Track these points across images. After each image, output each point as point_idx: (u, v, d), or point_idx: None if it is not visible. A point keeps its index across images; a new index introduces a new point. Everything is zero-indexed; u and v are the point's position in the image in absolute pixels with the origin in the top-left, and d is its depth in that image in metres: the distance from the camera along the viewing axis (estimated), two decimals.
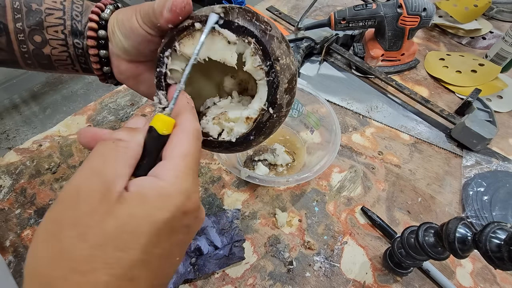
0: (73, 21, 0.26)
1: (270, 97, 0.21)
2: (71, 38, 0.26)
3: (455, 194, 0.48)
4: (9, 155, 0.49)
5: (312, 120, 0.50)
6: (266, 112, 0.22)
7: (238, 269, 0.39)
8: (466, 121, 0.51)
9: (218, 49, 0.21)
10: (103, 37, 0.26)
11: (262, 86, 0.22)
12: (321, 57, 0.67)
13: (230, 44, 0.21)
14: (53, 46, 0.26)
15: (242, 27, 0.20)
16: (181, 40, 0.21)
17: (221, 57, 0.21)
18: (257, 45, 0.20)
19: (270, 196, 0.46)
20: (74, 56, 0.27)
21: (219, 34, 0.20)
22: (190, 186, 0.18)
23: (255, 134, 0.23)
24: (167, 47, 0.22)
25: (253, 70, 0.21)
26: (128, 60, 0.28)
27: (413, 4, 0.57)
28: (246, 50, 0.21)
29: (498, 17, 0.81)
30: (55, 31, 0.26)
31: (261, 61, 0.20)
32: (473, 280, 0.39)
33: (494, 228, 0.25)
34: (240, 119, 0.23)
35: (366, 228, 0.43)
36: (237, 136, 0.23)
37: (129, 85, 0.30)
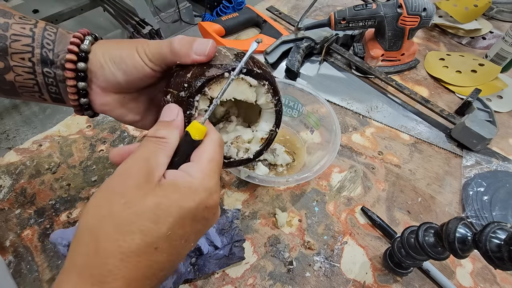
0: (44, 49, 0.25)
1: (277, 121, 0.30)
2: (40, 67, 0.25)
3: (455, 194, 0.48)
4: (9, 155, 0.49)
5: (312, 120, 0.50)
6: (274, 132, 0.30)
7: (238, 269, 0.39)
8: (466, 121, 0.51)
9: (242, 91, 0.26)
10: (83, 70, 0.25)
11: (270, 114, 0.29)
12: (321, 57, 0.67)
13: (251, 87, 0.26)
14: (17, 73, 0.25)
15: (260, 74, 0.26)
16: (210, 87, 0.25)
17: (245, 97, 0.27)
18: (270, 86, 0.27)
19: (270, 196, 0.46)
20: (43, 84, 0.26)
21: (242, 80, 0.26)
22: (213, 186, 0.22)
23: (266, 149, 0.31)
24: (198, 92, 0.25)
25: (265, 103, 0.28)
26: (115, 92, 0.27)
27: (413, 4, 0.57)
28: (260, 91, 0.27)
29: (498, 17, 0.81)
30: (21, 58, 0.25)
31: (272, 97, 0.28)
32: (473, 280, 0.39)
33: (494, 228, 0.25)
34: (255, 139, 0.30)
35: (366, 228, 0.43)
36: (254, 153, 0.30)
37: (113, 115, 0.29)
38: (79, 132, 0.52)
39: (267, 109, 0.29)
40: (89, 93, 0.27)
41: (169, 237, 0.19)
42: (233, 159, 0.30)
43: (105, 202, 0.19)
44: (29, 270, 0.38)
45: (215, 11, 1.90)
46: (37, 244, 0.40)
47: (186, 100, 0.24)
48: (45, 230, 0.41)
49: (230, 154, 0.30)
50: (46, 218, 0.42)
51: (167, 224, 0.19)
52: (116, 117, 0.29)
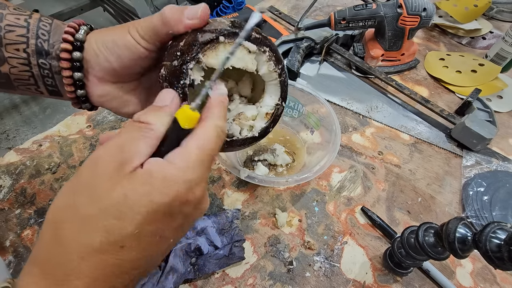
0: (39, 39, 0.24)
1: (283, 94, 0.26)
2: (36, 58, 0.25)
3: (455, 194, 0.48)
4: (9, 155, 0.49)
5: (312, 121, 0.50)
6: (280, 106, 0.27)
7: (238, 269, 0.39)
8: (466, 121, 0.51)
9: (241, 58, 0.24)
10: (78, 59, 0.25)
11: (274, 86, 0.26)
12: (321, 57, 0.67)
13: (250, 53, 0.24)
14: (12, 64, 0.24)
15: (259, 39, 0.24)
16: (205, 53, 0.23)
17: (244, 65, 0.24)
18: (271, 53, 0.24)
19: (270, 196, 0.46)
20: (39, 76, 0.25)
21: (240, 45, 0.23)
22: (197, 177, 0.19)
23: (272, 125, 0.28)
24: (191, 59, 0.22)
25: (268, 73, 0.25)
26: (112, 82, 0.27)
27: (413, 4, 0.57)
28: (260, 58, 0.24)
29: (498, 17, 0.81)
30: (15, 49, 0.24)
31: (274, 65, 0.25)
32: (473, 280, 0.39)
33: (494, 228, 0.25)
34: (260, 116, 0.27)
35: (366, 228, 0.43)
36: (259, 130, 0.27)
37: (110, 107, 0.28)
38: (79, 132, 0.52)
39: (270, 81, 0.26)
40: (86, 84, 0.26)
41: (137, 235, 0.18)
42: (236, 137, 0.27)
43: (71, 193, 0.18)
44: None
45: (215, 11, 1.90)
46: None
47: (179, 69, 0.23)
48: None
49: (232, 131, 0.27)
50: None
51: (134, 222, 0.17)
52: (114, 109, 0.28)
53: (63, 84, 0.26)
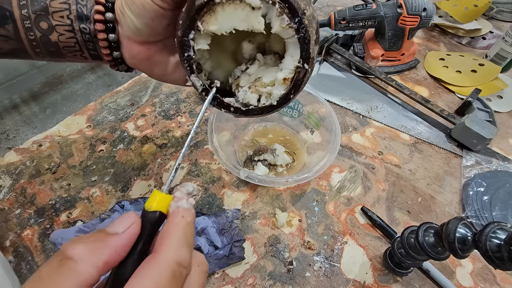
0: (78, 5, 0.25)
1: (303, 53, 0.21)
2: (77, 23, 0.25)
3: (455, 194, 0.48)
4: (9, 155, 0.49)
5: (312, 121, 0.50)
6: (302, 69, 0.22)
7: (238, 269, 0.39)
8: (466, 121, 0.51)
9: (243, 18, 0.20)
10: (111, 20, 0.25)
11: (292, 44, 0.21)
12: (321, 57, 0.67)
13: (254, 10, 0.20)
14: (60, 32, 0.25)
15: None
16: (203, 19, 0.20)
17: (248, 25, 0.20)
18: (282, 3, 0.19)
19: (270, 196, 0.46)
20: (82, 42, 0.26)
21: (241, 2, 0.19)
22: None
23: (294, 92, 0.23)
24: (190, 29, 0.21)
25: (282, 30, 0.21)
26: (140, 42, 0.27)
27: (413, 4, 0.57)
28: (270, 12, 0.20)
29: (498, 17, 0.81)
30: (60, 17, 0.25)
31: (289, 19, 0.20)
32: (473, 280, 0.39)
33: (494, 228, 0.25)
34: (277, 81, 0.23)
35: (366, 228, 0.43)
36: (277, 98, 0.23)
37: (142, 69, 0.29)
38: (79, 132, 0.52)
39: (288, 39, 0.21)
40: (121, 45, 0.27)
41: None
42: (252, 106, 0.24)
43: None
44: (29, 270, 0.38)
45: None
46: (37, 244, 0.40)
47: (181, 41, 0.21)
48: (45, 230, 0.41)
49: (248, 100, 0.24)
50: (46, 218, 0.42)
51: None
52: (144, 71, 0.29)
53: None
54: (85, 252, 0.15)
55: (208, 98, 0.24)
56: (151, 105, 0.57)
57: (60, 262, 0.14)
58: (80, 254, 0.14)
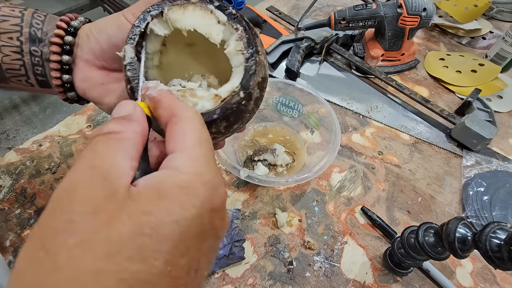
0: (32, 28, 0.25)
1: (244, 81, 0.21)
2: (28, 45, 0.25)
3: (455, 194, 0.48)
4: (9, 155, 0.49)
5: (312, 121, 0.50)
6: (236, 94, 0.21)
7: (238, 269, 0.39)
8: (466, 121, 0.51)
9: (207, 24, 0.21)
10: (70, 43, 0.25)
11: (238, 72, 0.22)
12: (321, 57, 0.67)
13: (219, 23, 0.22)
14: (4, 53, 0.25)
15: (235, 15, 0.22)
16: (172, 7, 0.21)
17: (207, 31, 0.22)
18: (244, 33, 0.21)
19: (270, 196, 0.46)
20: (29, 65, 0.26)
21: (211, 13, 0.21)
22: (214, 176, 0.16)
23: (219, 114, 0.21)
24: (157, 6, 0.21)
25: (234, 53, 0.21)
26: (99, 66, 0.27)
27: (413, 4, 0.57)
28: (231, 36, 0.22)
29: (498, 17, 0.81)
30: (9, 38, 0.24)
31: (243, 47, 0.21)
32: (473, 280, 0.39)
33: (494, 228, 0.25)
34: (208, 96, 0.22)
35: (366, 228, 0.43)
36: (201, 111, 0.21)
37: (92, 95, 0.27)
38: (79, 132, 0.52)
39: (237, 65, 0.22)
40: (73, 69, 0.26)
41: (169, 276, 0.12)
42: None
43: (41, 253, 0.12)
44: None
45: None
46: None
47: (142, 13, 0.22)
48: None
49: None
50: None
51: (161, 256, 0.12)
52: (95, 98, 0.27)
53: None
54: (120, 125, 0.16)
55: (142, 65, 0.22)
56: None
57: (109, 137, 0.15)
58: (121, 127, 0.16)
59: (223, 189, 0.16)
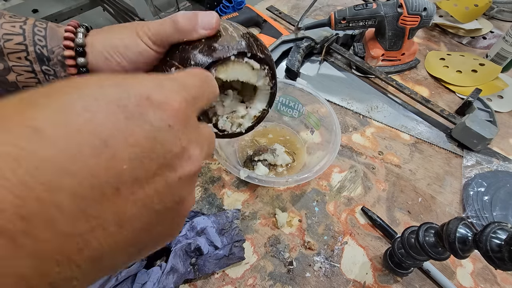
0: (37, 46, 0.24)
1: (270, 102, 0.31)
2: (39, 65, 0.25)
3: (455, 194, 0.47)
4: None
5: (312, 121, 0.49)
6: (266, 111, 0.32)
7: (238, 269, 0.39)
8: (467, 121, 0.51)
9: (246, 73, 0.28)
10: (83, 65, 0.25)
11: (265, 94, 0.31)
12: (321, 57, 0.67)
13: (253, 70, 0.28)
14: (18, 72, 0.24)
15: (263, 59, 0.27)
16: (216, 68, 0.26)
17: (247, 79, 0.28)
18: (269, 71, 0.29)
19: (270, 196, 0.46)
20: (45, 82, 0.26)
21: (246, 63, 0.27)
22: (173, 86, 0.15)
23: (256, 125, 0.32)
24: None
25: (263, 85, 0.30)
26: None
27: (414, 3, 0.57)
28: (260, 73, 0.29)
29: (498, 16, 0.81)
30: (17, 58, 0.24)
31: (269, 81, 0.30)
32: (473, 281, 0.39)
33: (495, 228, 0.25)
34: (248, 116, 0.32)
35: (366, 228, 0.43)
36: (245, 128, 0.32)
37: None
38: None
39: (263, 90, 0.31)
40: None
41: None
42: (227, 132, 0.31)
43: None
44: None
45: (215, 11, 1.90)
46: None
47: None
48: None
49: (225, 127, 0.31)
50: None
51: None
52: None
53: None
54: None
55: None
56: None
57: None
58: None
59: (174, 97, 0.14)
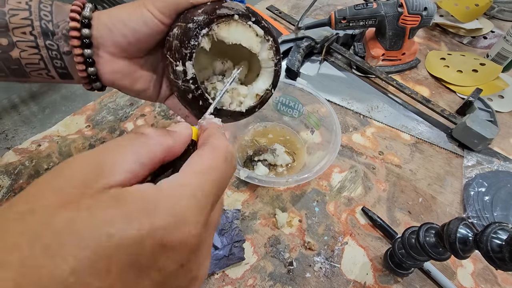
0: (42, 21, 0.25)
1: (274, 81, 0.29)
2: (43, 40, 0.25)
3: (456, 194, 0.47)
4: (8, 155, 0.49)
5: (313, 121, 0.49)
6: (269, 91, 0.30)
7: (238, 269, 0.39)
8: (467, 121, 0.51)
9: (249, 37, 0.26)
10: (88, 36, 0.25)
11: (268, 73, 0.29)
12: (321, 57, 0.67)
13: (257, 36, 0.27)
14: (21, 48, 0.25)
15: (267, 28, 0.27)
16: (219, 24, 0.24)
17: (250, 44, 0.26)
18: (274, 43, 0.27)
19: (270, 196, 0.46)
20: (48, 59, 0.26)
21: (250, 27, 0.26)
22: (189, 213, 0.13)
23: (259, 106, 0.30)
24: (205, 25, 0.24)
25: (266, 60, 0.28)
26: (123, 57, 0.27)
27: (414, 3, 0.57)
28: (264, 45, 0.27)
29: (499, 16, 0.81)
30: (22, 33, 0.24)
31: (273, 55, 0.27)
32: (474, 281, 0.39)
33: (495, 229, 0.24)
34: (250, 95, 0.30)
35: (367, 228, 0.43)
36: (246, 107, 0.29)
37: (122, 85, 0.28)
38: (78, 132, 0.52)
39: (266, 67, 0.29)
40: (97, 62, 0.27)
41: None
42: (224, 107, 0.28)
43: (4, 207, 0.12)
44: None
45: None
46: None
47: (193, 31, 0.24)
48: None
49: (223, 101, 0.28)
50: None
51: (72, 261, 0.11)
52: (125, 88, 0.29)
53: (72, 65, 0.26)
54: (156, 134, 0.16)
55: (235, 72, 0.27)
56: (151, 105, 0.57)
57: (135, 135, 0.15)
58: (151, 133, 0.16)
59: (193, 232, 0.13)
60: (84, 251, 0.11)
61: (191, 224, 0.13)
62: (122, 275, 0.12)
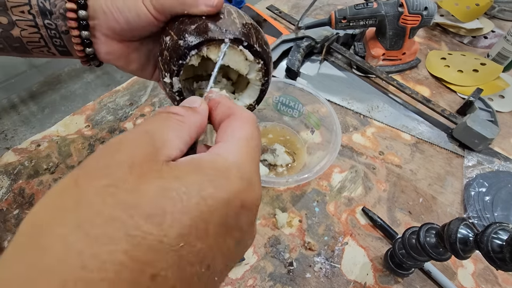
0: (39, 0, 0.25)
1: (258, 99, 0.30)
2: (41, 19, 0.25)
3: (456, 194, 0.47)
4: (7, 155, 0.48)
5: (313, 120, 0.49)
6: (253, 107, 0.30)
7: (238, 270, 0.38)
8: (468, 121, 0.51)
9: (238, 61, 0.27)
10: (84, 18, 0.25)
11: (255, 90, 0.30)
12: (321, 57, 0.67)
13: (246, 60, 0.27)
14: (21, 27, 0.25)
15: (259, 52, 0.26)
16: (209, 47, 0.25)
17: (238, 67, 0.27)
18: (264, 66, 0.27)
19: (270, 196, 0.45)
20: (48, 37, 0.26)
21: (240, 51, 0.26)
22: (253, 175, 0.15)
23: None
24: (195, 47, 0.24)
25: (254, 80, 0.29)
26: (119, 40, 0.27)
27: (414, 3, 0.57)
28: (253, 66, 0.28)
29: (500, 16, 0.81)
30: (21, 12, 0.25)
31: (261, 77, 0.28)
32: (474, 281, 0.39)
33: (496, 229, 0.24)
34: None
35: (367, 228, 0.43)
36: None
37: (117, 65, 0.29)
38: (77, 132, 0.52)
39: (253, 85, 0.29)
40: (94, 41, 0.27)
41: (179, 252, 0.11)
42: None
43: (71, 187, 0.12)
44: None
45: None
46: None
47: (182, 50, 0.24)
48: None
49: None
50: None
51: (178, 227, 0.11)
52: (120, 66, 0.30)
53: (71, 43, 0.27)
54: (187, 113, 0.17)
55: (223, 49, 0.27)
56: (150, 105, 0.57)
57: (168, 117, 0.16)
58: (184, 113, 0.16)
59: (258, 192, 0.16)
60: (186, 216, 0.12)
61: (256, 185, 0.15)
62: (216, 236, 0.13)
